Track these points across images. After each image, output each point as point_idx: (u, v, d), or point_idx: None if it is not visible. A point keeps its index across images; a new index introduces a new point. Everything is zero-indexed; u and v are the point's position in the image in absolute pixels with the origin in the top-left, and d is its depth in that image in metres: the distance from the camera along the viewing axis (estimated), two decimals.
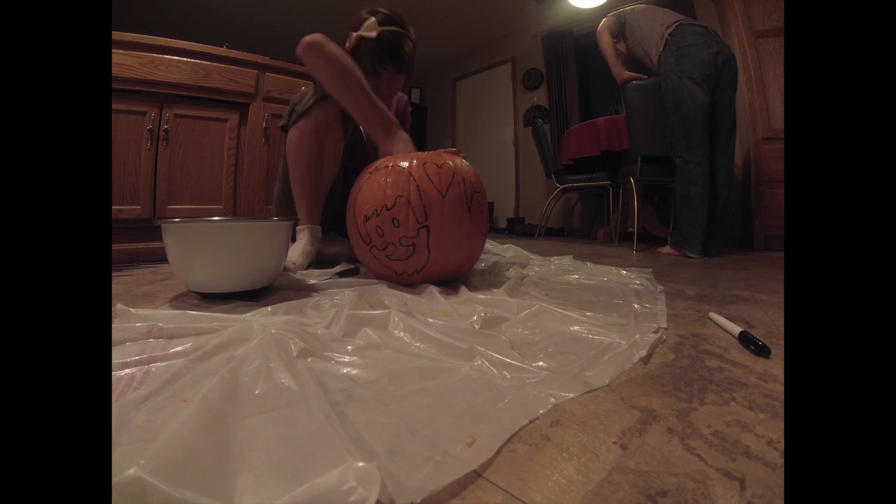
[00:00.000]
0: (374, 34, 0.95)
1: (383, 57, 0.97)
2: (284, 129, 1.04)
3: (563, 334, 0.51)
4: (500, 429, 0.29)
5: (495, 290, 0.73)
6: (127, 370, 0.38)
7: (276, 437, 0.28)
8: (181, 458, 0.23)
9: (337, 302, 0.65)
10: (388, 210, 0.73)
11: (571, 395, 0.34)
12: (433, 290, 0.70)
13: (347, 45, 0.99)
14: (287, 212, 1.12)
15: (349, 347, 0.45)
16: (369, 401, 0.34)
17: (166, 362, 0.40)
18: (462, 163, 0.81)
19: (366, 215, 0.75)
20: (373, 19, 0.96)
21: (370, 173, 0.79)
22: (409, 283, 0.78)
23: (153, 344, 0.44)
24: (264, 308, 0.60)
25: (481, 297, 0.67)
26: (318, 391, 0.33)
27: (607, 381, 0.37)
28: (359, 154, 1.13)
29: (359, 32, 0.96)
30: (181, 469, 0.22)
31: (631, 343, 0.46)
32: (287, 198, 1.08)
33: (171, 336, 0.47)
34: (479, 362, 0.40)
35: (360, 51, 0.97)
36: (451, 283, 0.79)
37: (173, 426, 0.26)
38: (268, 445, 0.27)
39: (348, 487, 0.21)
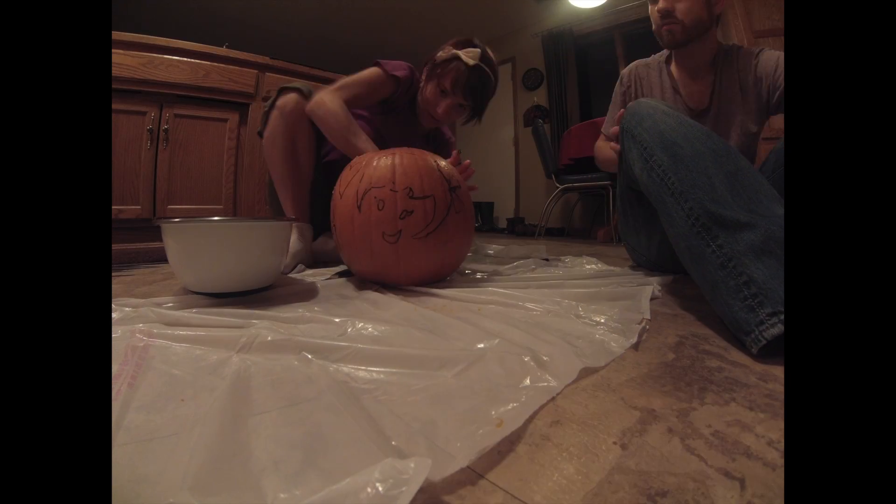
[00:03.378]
0: (471, 62, 0.97)
1: (465, 85, 0.99)
2: (261, 134, 1.07)
3: (562, 326, 0.52)
4: (521, 409, 0.31)
5: (492, 288, 0.73)
6: (125, 369, 0.38)
7: (297, 435, 0.28)
8: (207, 470, 0.23)
9: (336, 301, 0.65)
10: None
11: (572, 378, 0.37)
12: (424, 290, 0.72)
13: (441, 53, 1.01)
14: (280, 214, 1.13)
15: (358, 346, 0.45)
16: (387, 395, 0.34)
17: (164, 362, 0.40)
18: (387, 161, 0.77)
19: None
20: (478, 50, 0.99)
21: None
22: (373, 281, 0.81)
23: (152, 344, 0.44)
24: (264, 308, 0.60)
25: (476, 296, 0.67)
26: (337, 388, 0.33)
27: (603, 363, 0.41)
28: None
29: (458, 51, 0.98)
30: (210, 482, 0.22)
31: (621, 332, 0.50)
32: (277, 202, 1.10)
33: (172, 337, 0.47)
34: (488, 353, 0.42)
35: (449, 67, 0.99)
36: (437, 284, 0.80)
37: (195, 441, 0.26)
38: (290, 445, 0.27)
39: (384, 481, 0.21)
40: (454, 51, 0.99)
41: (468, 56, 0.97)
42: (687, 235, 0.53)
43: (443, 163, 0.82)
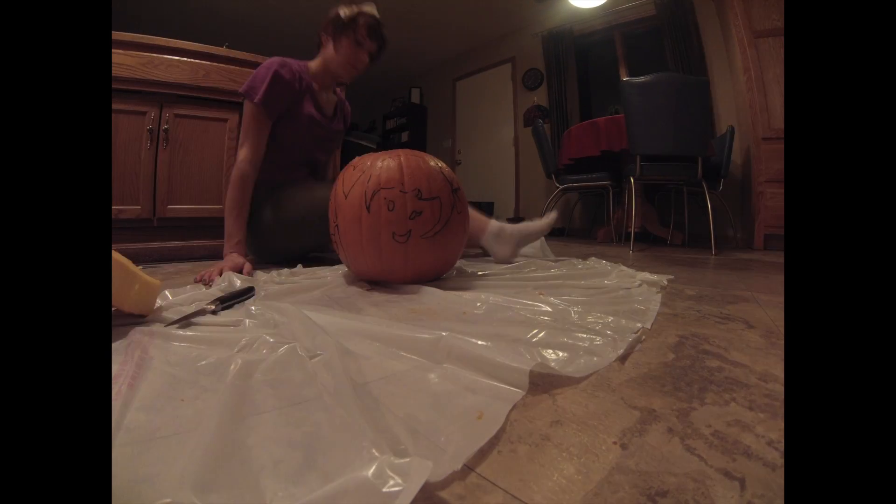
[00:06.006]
0: (376, 14, 1.14)
1: (377, 33, 1.14)
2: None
3: (552, 329, 0.51)
4: (502, 403, 0.32)
5: (490, 288, 0.73)
6: (125, 369, 0.38)
7: (297, 435, 0.28)
8: (207, 469, 0.23)
9: (335, 301, 0.65)
10: (329, 210, 0.85)
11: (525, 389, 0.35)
12: (422, 289, 0.73)
13: (344, 10, 1.12)
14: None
15: (357, 346, 0.45)
16: (387, 394, 0.34)
17: (164, 362, 0.40)
18: (393, 162, 0.77)
19: None
20: (373, 3, 1.15)
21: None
22: (371, 280, 0.83)
23: (152, 344, 0.44)
24: (264, 308, 0.60)
25: (466, 296, 0.67)
26: (337, 388, 0.33)
27: (581, 374, 0.39)
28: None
29: (361, 9, 1.12)
30: (210, 482, 0.22)
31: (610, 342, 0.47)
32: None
33: (172, 337, 0.47)
34: (481, 354, 0.40)
35: (359, 23, 1.11)
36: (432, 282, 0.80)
37: (195, 441, 0.26)
38: (290, 445, 0.27)
39: (384, 481, 0.21)
40: (354, 7, 1.12)
41: (370, 9, 1.13)
42: None
43: (442, 164, 0.84)
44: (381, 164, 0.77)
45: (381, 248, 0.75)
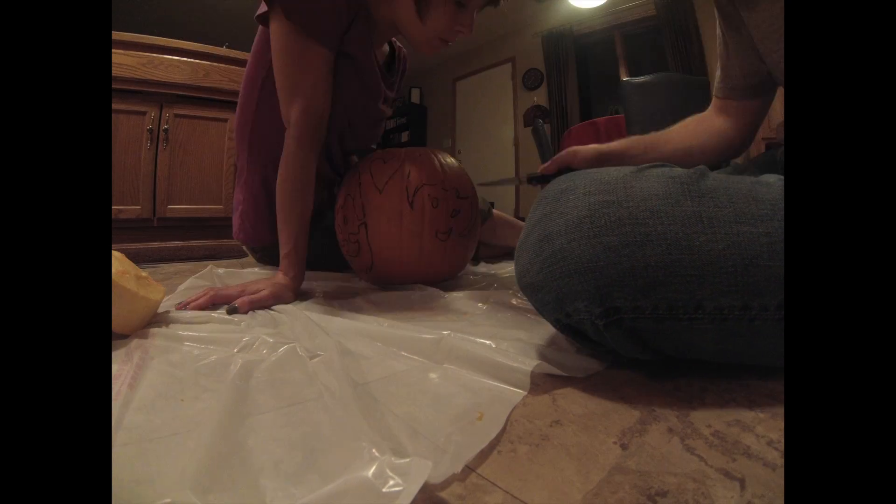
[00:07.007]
0: None
1: None
2: None
3: (544, 330, 0.50)
4: (503, 404, 0.32)
5: (487, 289, 0.73)
6: (125, 369, 0.38)
7: (297, 436, 0.28)
8: (207, 469, 0.23)
9: (337, 301, 0.65)
10: (342, 208, 0.77)
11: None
12: (422, 289, 0.72)
13: None
14: None
15: (359, 347, 0.45)
16: (388, 395, 0.34)
17: (164, 362, 0.40)
18: (426, 158, 0.75)
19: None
20: None
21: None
22: (382, 283, 0.79)
23: (152, 344, 0.44)
24: (265, 309, 0.60)
25: (467, 296, 0.67)
26: (337, 389, 0.33)
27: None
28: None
29: None
30: (210, 482, 0.22)
31: None
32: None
33: (172, 337, 0.47)
34: (482, 353, 0.40)
35: None
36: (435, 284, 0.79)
37: (195, 441, 0.26)
38: (290, 445, 0.27)
39: (384, 481, 0.21)
40: None
41: None
42: None
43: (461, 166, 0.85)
44: (417, 159, 0.74)
45: (423, 246, 0.72)
